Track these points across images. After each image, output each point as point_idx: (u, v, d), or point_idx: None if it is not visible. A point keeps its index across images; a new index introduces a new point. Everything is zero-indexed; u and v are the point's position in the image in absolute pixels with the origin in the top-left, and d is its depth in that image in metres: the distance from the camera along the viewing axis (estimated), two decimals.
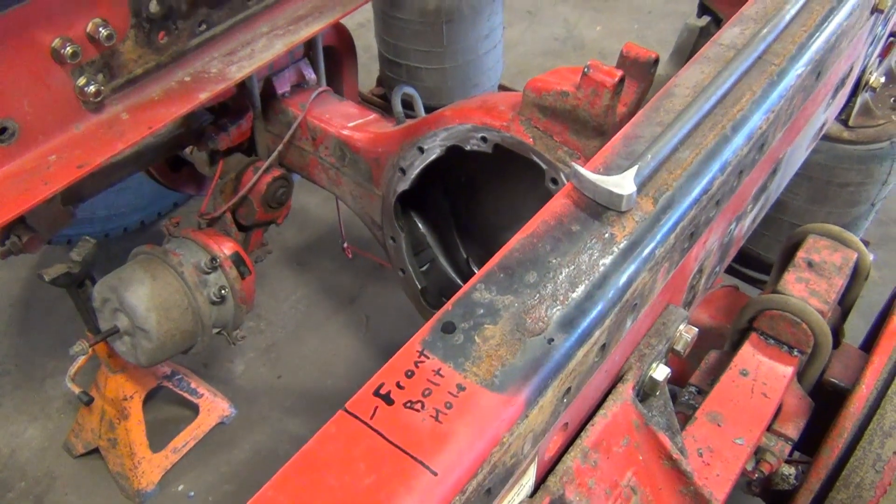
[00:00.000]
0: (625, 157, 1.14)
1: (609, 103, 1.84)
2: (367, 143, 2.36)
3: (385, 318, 3.22)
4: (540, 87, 1.95)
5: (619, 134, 1.19)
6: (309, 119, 2.47)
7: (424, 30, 2.67)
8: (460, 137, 2.12)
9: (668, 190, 1.10)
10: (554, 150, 1.98)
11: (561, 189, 1.12)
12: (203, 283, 2.27)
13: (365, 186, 2.43)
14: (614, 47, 4.58)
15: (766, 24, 1.35)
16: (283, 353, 3.11)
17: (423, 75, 2.80)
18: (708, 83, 1.25)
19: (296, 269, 3.41)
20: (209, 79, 2.07)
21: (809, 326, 1.66)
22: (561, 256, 1.02)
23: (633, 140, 1.17)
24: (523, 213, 2.47)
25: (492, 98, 2.16)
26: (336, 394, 2.98)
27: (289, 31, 2.23)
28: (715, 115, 1.21)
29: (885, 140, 1.99)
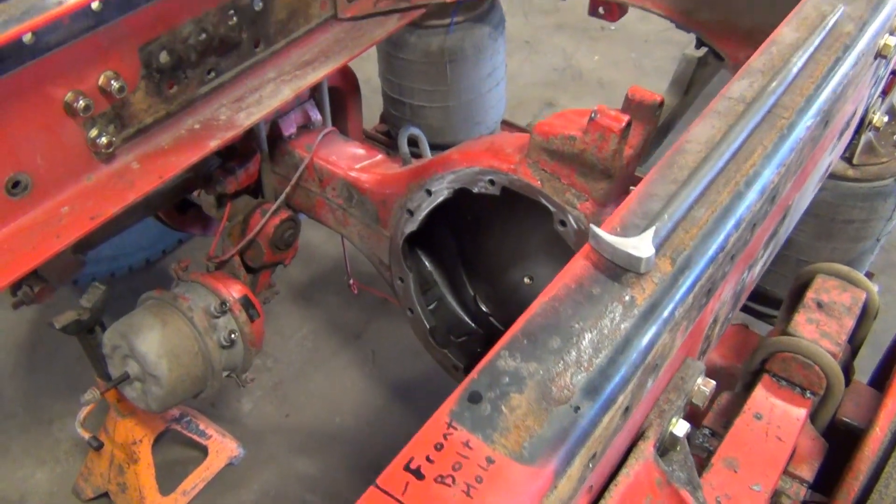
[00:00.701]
0: (641, 217, 1.15)
1: (616, 148, 1.86)
2: (375, 185, 2.38)
3: (391, 353, 3.22)
4: (547, 130, 1.97)
5: (634, 192, 1.20)
6: (316, 161, 2.49)
7: (428, 69, 2.70)
8: (468, 180, 2.14)
9: (686, 250, 1.11)
10: (562, 193, 2.00)
11: (580, 250, 1.13)
12: (213, 328, 2.28)
13: (372, 227, 2.45)
14: (612, 76, 4.63)
15: (774, 76, 1.37)
16: (290, 391, 3.11)
17: (426, 114, 2.83)
18: (720, 139, 1.27)
19: (301, 305, 3.41)
20: (219, 126, 2.09)
21: (822, 369, 1.67)
22: (583, 321, 1.03)
23: (649, 198, 1.18)
24: (529, 251, 2.49)
25: (498, 140, 2.18)
26: (344, 431, 2.98)
27: (296, 76, 2.26)
28: (728, 171, 1.23)
29: (888, 177, 2.01)
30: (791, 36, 1.50)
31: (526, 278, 2.51)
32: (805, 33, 1.50)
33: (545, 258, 2.45)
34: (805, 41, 1.46)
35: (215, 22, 2.05)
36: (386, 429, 2.98)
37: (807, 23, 1.52)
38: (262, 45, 2.22)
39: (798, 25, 1.52)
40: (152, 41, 1.91)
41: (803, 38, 1.48)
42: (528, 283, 2.52)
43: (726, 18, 2.30)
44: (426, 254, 2.53)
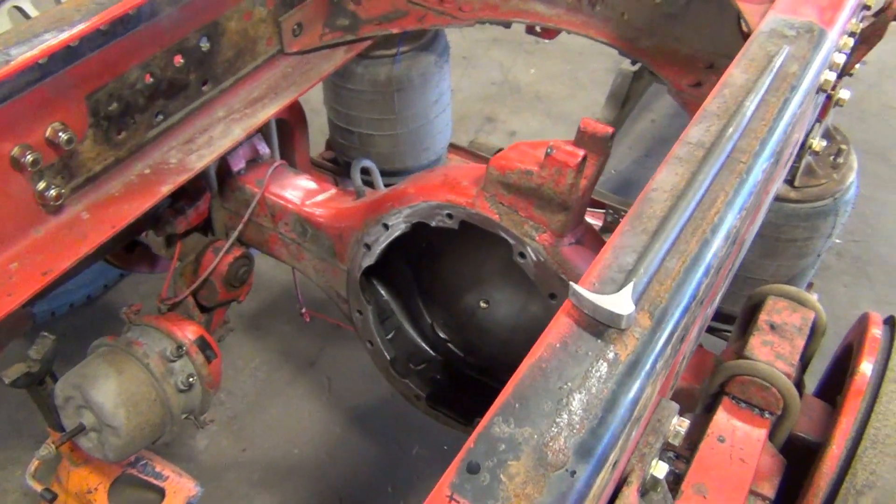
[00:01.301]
0: (617, 271, 1.19)
1: (573, 182, 1.90)
2: (329, 220, 2.37)
3: (347, 379, 3.21)
4: (503, 165, 1.99)
5: (608, 244, 1.24)
6: (267, 196, 2.46)
7: (376, 99, 2.70)
8: (425, 214, 2.15)
9: (662, 303, 1.15)
10: (520, 225, 2.03)
11: (561, 307, 1.16)
12: (170, 372, 2.24)
13: (328, 261, 2.44)
14: (549, 89, 4.71)
15: (729, 121, 1.43)
16: (245, 425, 3.06)
17: (375, 142, 2.83)
18: (684, 186, 1.32)
19: (253, 335, 3.37)
20: (169, 170, 2.06)
21: (779, 390, 1.74)
22: (571, 381, 1.05)
23: (623, 251, 1.22)
24: (484, 277, 2.52)
25: (453, 173, 2.20)
26: (303, 463, 2.95)
27: (245, 114, 2.24)
28: (695, 219, 1.27)
29: (828, 197, 2.11)
30: (741, 77, 1.56)
31: (482, 302, 2.54)
32: (754, 74, 1.56)
33: (500, 282, 2.48)
34: (755, 83, 1.52)
35: (162, 65, 2.01)
36: (346, 457, 2.96)
37: (754, 64, 1.58)
38: (209, 84, 2.19)
39: (747, 67, 1.58)
40: (99, 89, 1.87)
41: (753, 80, 1.55)
42: (483, 307, 2.55)
43: (666, 46, 2.36)
44: (382, 283, 2.53)
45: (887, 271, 3.70)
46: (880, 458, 1.66)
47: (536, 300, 2.38)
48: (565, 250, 2.02)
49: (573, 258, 2.03)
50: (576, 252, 2.05)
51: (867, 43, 2.13)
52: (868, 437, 1.68)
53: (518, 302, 2.48)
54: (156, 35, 1.96)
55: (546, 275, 2.03)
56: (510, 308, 2.51)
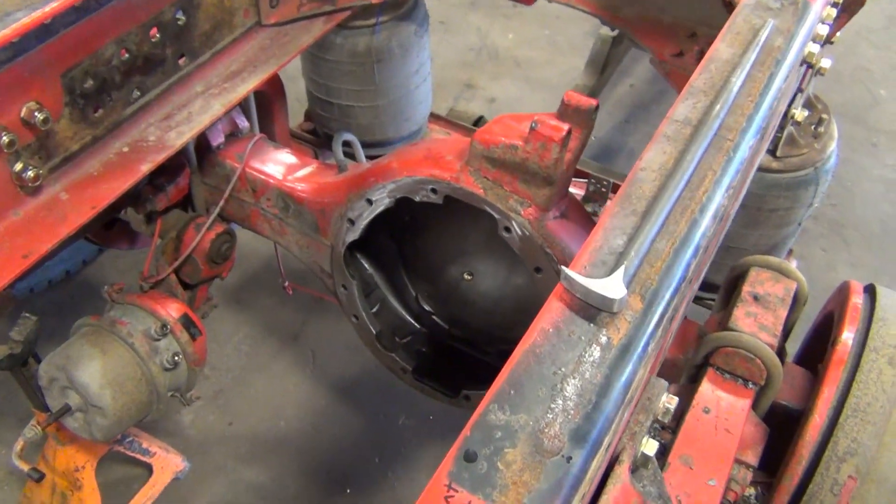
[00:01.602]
0: (608, 253, 1.19)
1: (558, 156, 1.90)
2: (312, 195, 2.35)
3: (331, 351, 3.21)
4: (487, 139, 1.98)
5: (598, 226, 1.24)
6: (248, 171, 2.43)
7: (356, 70, 2.66)
8: (409, 189, 2.14)
9: (652, 285, 1.16)
10: (505, 200, 2.02)
11: (553, 291, 1.16)
12: (154, 351, 2.22)
13: (311, 236, 2.42)
14: (528, 54, 4.67)
15: (716, 98, 1.42)
16: (231, 399, 3.07)
17: (355, 113, 2.80)
18: (672, 166, 1.32)
19: (235, 309, 3.36)
20: (148, 148, 2.02)
21: (762, 361, 1.76)
22: (564, 366, 1.06)
23: (612, 233, 1.22)
24: (467, 249, 2.52)
25: (436, 147, 2.19)
26: (290, 436, 2.96)
27: (224, 89, 2.19)
28: (683, 199, 1.27)
29: (809, 167, 2.12)
30: (727, 52, 1.55)
31: (466, 274, 2.54)
32: (739, 49, 1.56)
33: (484, 254, 2.48)
34: (741, 58, 1.51)
35: (138, 41, 1.97)
36: (332, 430, 2.98)
37: (740, 38, 1.58)
38: (186, 58, 2.14)
39: (732, 41, 1.57)
40: (74, 67, 1.82)
41: (738, 55, 1.54)
42: (467, 279, 2.55)
43: (648, 14, 2.35)
44: (366, 257, 2.52)
45: (864, 234, 3.75)
46: (861, 426, 1.70)
47: (520, 272, 2.38)
48: (550, 224, 2.03)
49: (558, 232, 2.03)
50: (560, 226, 2.05)
51: (849, 11, 2.13)
52: (850, 405, 1.72)
53: (501, 274, 2.49)
54: (130, 10, 1.91)
55: (531, 249, 2.03)
56: (494, 280, 2.51)
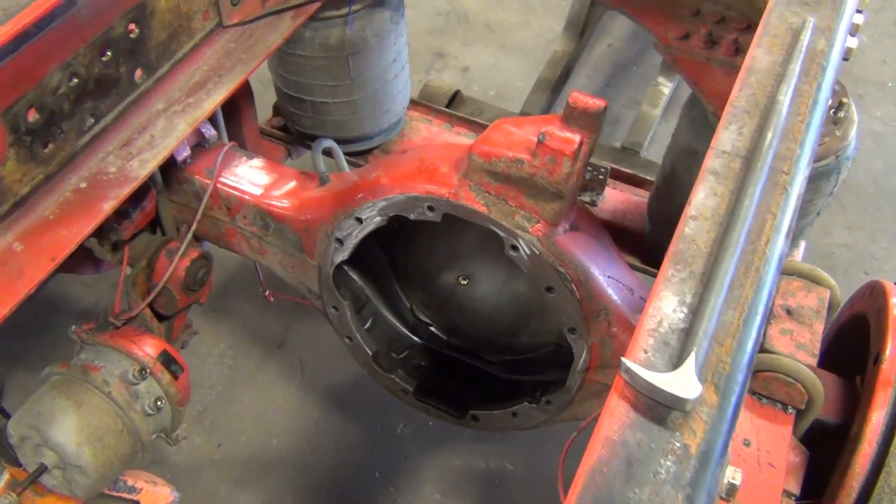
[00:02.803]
0: (669, 330, 1.03)
1: (570, 170, 1.72)
2: (294, 212, 2.15)
3: (320, 358, 3.04)
4: (489, 152, 1.80)
5: (652, 294, 1.07)
6: (219, 187, 2.22)
7: (329, 64, 2.43)
8: (402, 207, 1.95)
9: (725, 370, 1.00)
10: (510, 216, 1.85)
11: (613, 385, 1.00)
12: (134, 397, 2.03)
13: (296, 256, 2.23)
14: (500, 17, 4.44)
15: (764, 121, 1.25)
16: (217, 418, 2.89)
17: (330, 110, 2.57)
18: (727, 212, 1.15)
19: (213, 318, 3.16)
20: (109, 181, 1.81)
21: (803, 384, 1.63)
22: (639, 487, 0.91)
23: (671, 303, 1.06)
24: (461, 252, 2.35)
25: (429, 157, 1.99)
26: (284, 454, 2.81)
27: (188, 105, 1.97)
28: (745, 254, 1.11)
29: (830, 156, 1.97)
30: (766, 60, 1.38)
31: (461, 279, 2.38)
32: (779, 55, 1.38)
33: (479, 257, 2.32)
34: (785, 69, 1.34)
35: (86, 62, 1.73)
36: (327, 444, 2.83)
37: (778, 42, 1.40)
38: (143, 74, 1.91)
39: (770, 46, 1.39)
40: (16, 102, 1.59)
41: (779, 63, 1.37)
42: (463, 284, 2.39)
43: None
44: (355, 269, 2.34)
45: (858, 195, 3.64)
46: None
47: (519, 274, 2.23)
48: (561, 239, 1.86)
49: (570, 247, 1.87)
50: (572, 240, 1.88)
51: None
52: None
53: (499, 277, 2.33)
54: (75, 30, 1.67)
55: (542, 268, 1.87)
56: (491, 284, 2.35)
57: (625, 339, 1.92)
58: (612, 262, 1.95)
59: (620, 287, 1.92)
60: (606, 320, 1.90)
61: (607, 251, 1.97)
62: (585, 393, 2.04)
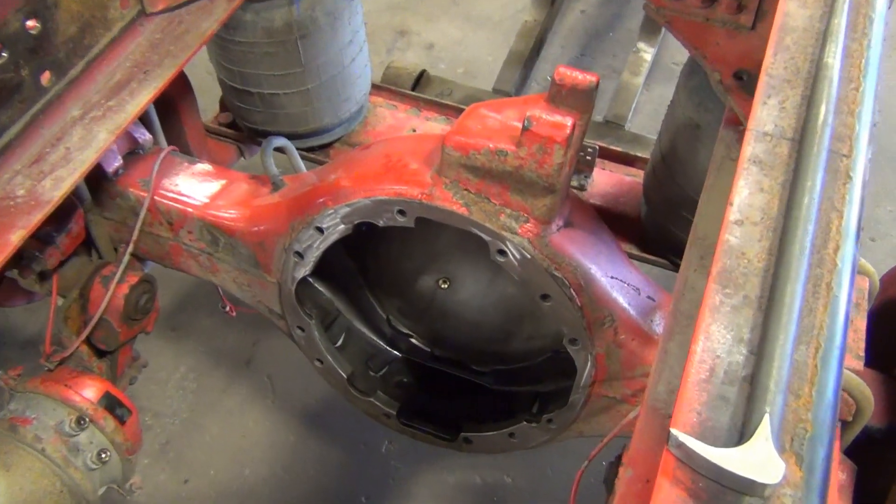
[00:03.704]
0: (727, 380, 0.78)
1: (562, 160, 1.46)
2: (245, 224, 1.87)
3: (291, 373, 2.77)
4: (465, 144, 1.53)
5: (697, 329, 0.82)
6: (159, 199, 1.94)
7: (275, 51, 2.14)
8: (368, 213, 1.69)
9: (808, 431, 0.75)
10: (495, 217, 1.59)
11: (661, 469, 0.74)
12: (74, 451, 1.76)
13: (251, 273, 1.95)
14: None
15: (815, 93, 1.00)
16: (182, 450, 2.62)
17: (282, 102, 2.28)
18: (780, 214, 0.90)
19: (171, 338, 2.87)
20: (17, 207, 1.52)
21: (851, 395, 1.40)
22: None
23: (724, 341, 0.80)
24: (439, 252, 2.09)
25: (396, 152, 1.73)
26: (259, 486, 2.55)
27: (109, 109, 1.68)
28: (812, 268, 0.86)
29: None
30: (801, 16, 1.12)
31: (441, 282, 2.12)
32: (816, 8, 1.12)
33: (459, 256, 2.06)
34: (828, 25, 1.08)
35: None
36: (306, 471, 2.57)
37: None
38: (52, 76, 1.61)
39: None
40: None
41: (817, 18, 1.11)
42: (444, 287, 2.13)
43: None
44: (321, 281, 2.08)
45: None
46: None
47: (504, 273, 1.97)
48: (555, 239, 1.61)
49: (565, 247, 1.62)
50: (567, 238, 1.63)
51: None
52: None
53: (483, 277, 2.07)
54: None
55: (535, 273, 1.61)
56: (475, 285, 2.10)
57: (634, 347, 1.68)
58: (614, 259, 1.70)
59: (626, 288, 1.68)
60: (612, 327, 1.65)
61: (608, 247, 1.72)
62: (592, 409, 1.80)
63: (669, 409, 1.20)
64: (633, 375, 1.70)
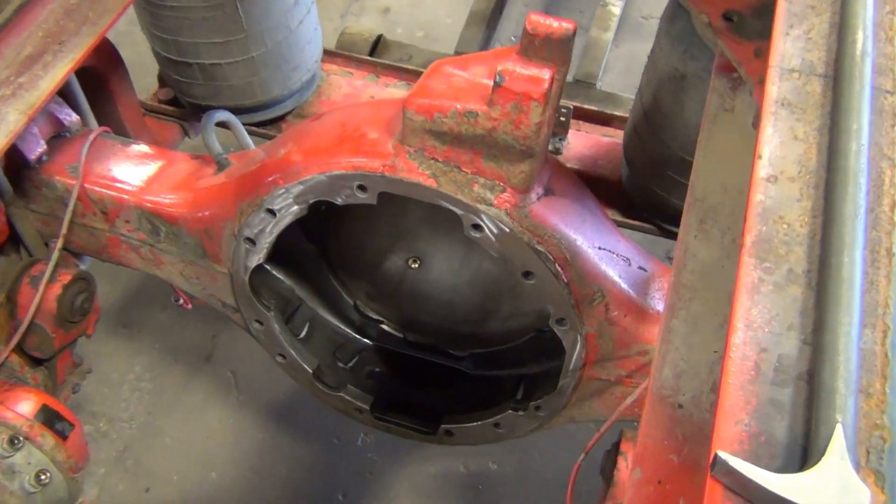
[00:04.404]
0: (780, 381, 0.61)
1: (540, 119, 1.28)
2: (187, 210, 1.68)
3: (255, 368, 2.59)
4: (429, 106, 1.35)
5: (733, 316, 0.65)
6: (89, 188, 1.73)
7: (213, 16, 1.92)
8: (325, 190, 1.50)
9: (885, 440, 0.59)
10: (467, 187, 1.42)
11: (707, 498, 0.58)
12: (8, 475, 1.57)
13: (199, 264, 1.76)
14: None
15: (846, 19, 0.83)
16: (142, 456, 2.43)
17: (224, 73, 2.07)
18: (821, 166, 0.73)
19: (123, 336, 2.67)
20: None
21: None
22: None
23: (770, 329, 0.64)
24: (407, 228, 1.91)
25: (352, 120, 1.54)
26: (226, 489, 2.37)
27: (20, 86, 1.47)
28: (869, 231, 0.69)
29: None
30: None
31: (411, 261, 1.95)
32: None
33: (429, 232, 1.88)
34: None
35: None
36: (278, 469, 2.40)
37: None
38: None
39: None
40: None
41: None
42: (414, 266, 1.96)
43: None
44: (278, 267, 1.89)
45: None
46: None
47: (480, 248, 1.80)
48: (536, 209, 1.44)
49: (548, 217, 1.45)
50: (549, 207, 1.46)
51: None
52: None
53: (457, 253, 1.90)
54: None
55: (515, 248, 1.44)
56: (448, 263, 1.93)
57: (628, 324, 1.52)
58: (600, 228, 1.54)
59: (615, 259, 1.52)
60: (603, 304, 1.49)
61: (593, 215, 1.55)
62: (583, 393, 1.64)
63: (679, 396, 1.05)
64: (628, 355, 1.54)
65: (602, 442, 1.39)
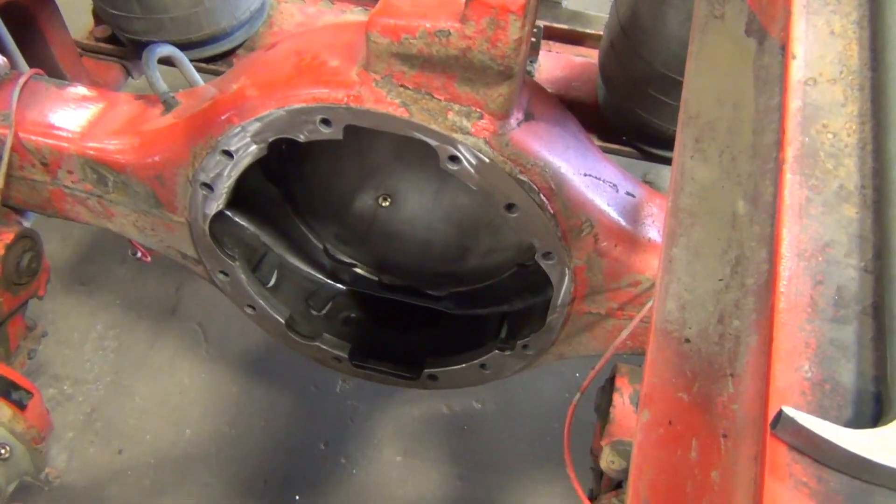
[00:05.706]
0: (839, 319, 0.52)
1: (519, 35, 1.16)
2: (135, 157, 1.54)
3: (223, 318, 2.49)
4: (395, 27, 1.22)
5: (778, 245, 0.56)
6: (24, 137, 1.58)
7: None
8: (284, 126, 1.37)
9: None
10: (442, 116, 1.30)
11: (771, 469, 0.49)
12: None
13: (153, 214, 1.63)
14: None
15: None
16: (112, 417, 2.33)
17: (165, 4, 1.89)
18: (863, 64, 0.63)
19: (82, 294, 2.53)
20: None
21: None
22: None
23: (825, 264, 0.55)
24: (376, 165, 1.79)
25: (308, 48, 1.40)
26: (202, 445, 2.29)
27: None
28: None
29: None
30: None
31: (381, 200, 1.83)
32: None
33: (399, 168, 1.77)
34: None
35: None
36: (255, 421, 2.32)
37: None
38: None
39: None
40: None
41: None
42: (385, 204, 1.85)
43: None
44: (241, 213, 1.76)
45: None
46: None
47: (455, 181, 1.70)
48: (517, 136, 1.33)
49: (530, 144, 1.34)
50: (531, 133, 1.35)
51: None
52: None
53: (430, 188, 1.79)
54: None
55: (496, 180, 1.34)
56: (420, 198, 1.82)
57: (619, 254, 1.43)
58: (585, 153, 1.44)
59: (602, 186, 1.42)
60: (592, 234, 1.40)
61: (577, 140, 1.44)
62: (572, 328, 1.56)
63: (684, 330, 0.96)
64: (619, 286, 1.46)
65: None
